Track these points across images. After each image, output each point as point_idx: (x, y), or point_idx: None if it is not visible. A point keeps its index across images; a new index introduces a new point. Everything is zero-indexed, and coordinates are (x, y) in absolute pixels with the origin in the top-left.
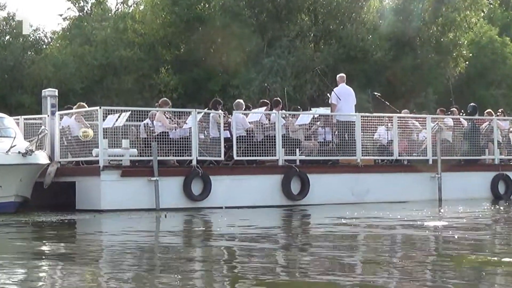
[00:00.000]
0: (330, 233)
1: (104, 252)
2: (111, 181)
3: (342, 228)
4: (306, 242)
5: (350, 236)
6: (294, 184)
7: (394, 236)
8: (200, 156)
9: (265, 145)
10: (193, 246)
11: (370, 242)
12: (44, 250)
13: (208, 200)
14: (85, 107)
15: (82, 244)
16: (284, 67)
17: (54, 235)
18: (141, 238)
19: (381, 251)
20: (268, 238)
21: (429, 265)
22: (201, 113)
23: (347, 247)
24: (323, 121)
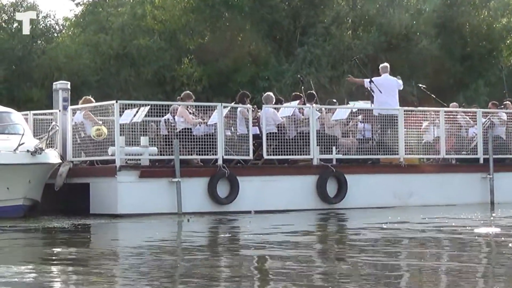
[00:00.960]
0: (370, 239)
1: (120, 261)
2: (129, 183)
3: (383, 234)
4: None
5: (392, 243)
6: (330, 185)
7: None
8: (226, 155)
9: (298, 142)
10: (219, 255)
11: (414, 250)
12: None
13: (235, 203)
14: (92, 101)
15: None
16: (319, 57)
17: (66, 242)
18: (161, 245)
19: (425, 261)
20: (302, 246)
21: (480, 279)
22: (228, 108)
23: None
24: (362, 116)
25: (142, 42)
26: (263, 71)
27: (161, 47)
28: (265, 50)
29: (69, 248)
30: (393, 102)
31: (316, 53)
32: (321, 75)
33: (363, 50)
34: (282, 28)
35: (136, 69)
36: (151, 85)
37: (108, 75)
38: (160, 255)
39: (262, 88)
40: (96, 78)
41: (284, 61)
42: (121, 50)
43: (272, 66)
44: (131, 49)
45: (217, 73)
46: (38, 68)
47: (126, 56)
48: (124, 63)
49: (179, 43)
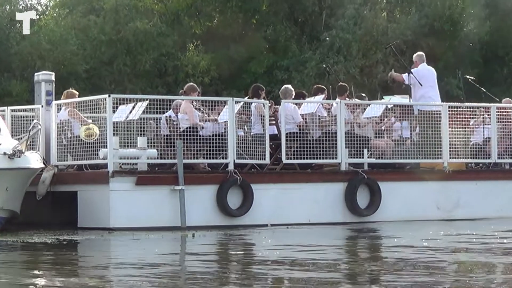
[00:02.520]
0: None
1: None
2: (123, 191)
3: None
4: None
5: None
6: (361, 195)
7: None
8: (238, 158)
9: (323, 144)
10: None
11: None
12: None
13: (248, 215)
14: (75, 96)
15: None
16: (348, 43)
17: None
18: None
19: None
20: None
21: None
22: (240, 103)
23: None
24: (399, 113)
25: (139, 25)
26: (282, 59)
27: (162, 32)
28: (284, 35)
29: (51, 272)
30: (435, 96)
31: (345, 38)
32: (350, 64)
33: (401, 36)
34: (305, 8)
35: (132, 57)
36: (150, 77)
37: (99, 64)
38: (159, 278)
39: (280, 80)
40: (85, 68)
41: (307, 48)
42: (115, 35)
43: (292, 54)
44: (126, 33)
45: (227, 62)
46: (17, 56)
47: (120, 42)
48: (119, 50)
49: (183, 26)
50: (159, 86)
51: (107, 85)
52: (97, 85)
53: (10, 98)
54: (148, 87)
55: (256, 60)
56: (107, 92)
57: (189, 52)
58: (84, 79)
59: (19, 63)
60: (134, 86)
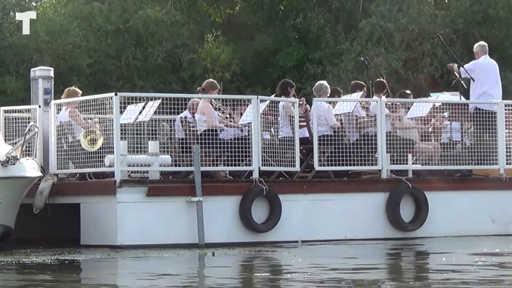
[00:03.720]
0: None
1: None
2: (133, 203)
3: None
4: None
5: None
6: (405, 206)
7: None
8: (264, 165)
9: (361, 148)
10: None
11: None
12: None
13: (276, 231)
14: (78, 94)
15: None
16: (391, 33)
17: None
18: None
19: None
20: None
21: None
22: (266, 102)
23: None
24: (449, 113)
25: (150, 13)
26: (314, 51)
27: (176, 21)
28: (316, 24)
29: None
30: (497, 95)
31: (386, 27)
32: (393, 57)
33: (450, 24)
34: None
35: (142, 50)
36: (163, 72)
37: (104, 58)
38: None
39: (312, 75)
40: (89, 63)
41: (342, 38)
42: (122, 25)
43: (326, 45)
44: (135, 23)
45: (251, 55)
46: (11, 49)
47: (128, 33)
48: (127, 42)
49: (201, 14)
50: (173, 82)
51: (114, 82)
52: (102, 82)
53: (3, 97)
54: (161, 84)
55: (284, 52)
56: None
57: (208, 44)
58: (88, 75)
59: (14, 57)
60: (144, 82)
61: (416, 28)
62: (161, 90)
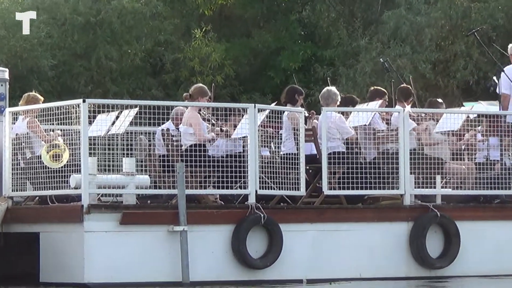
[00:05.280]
0: None
1: None
2: (103, 233)
3: None
4: None
5: None
6: (432, 239)
7: None
8: (262, 188)
9: (379, 168)
10: None
11: None
12: None
13: (276, 267)
14: (39, 101)
15: None
16: (419, 28)
17: None
18: None
19: None
20: None
21: None
22: (265, 111)
23: None
24: (485, 126)
25: (126, 4)
26: (324, 49)
27: (157, 13)
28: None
29: None
30: None
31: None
32: (420, 58)
33: (489, 19)
34: None
35: (117, 48)
36: (141, 75)
37: (71, 57)
38: None
39: (322, 79)
40: (52, 63)
41: (359, 35)
42: (93, 17)
43: (338, 42)
44: (108, 15)
45: (248, 55)
46: None
47: (100, 27)
48: (98, 38)
49: (187, 6)
50: (154, 87)
51: (82, 86)
52: (67, 86)
53: None
54: (139, 89)
55: (288, 51)
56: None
57: (196, 41)
58: (50, 79)
59: None
60: (119, 87)
61: (447, 24)
62: (139, 96)
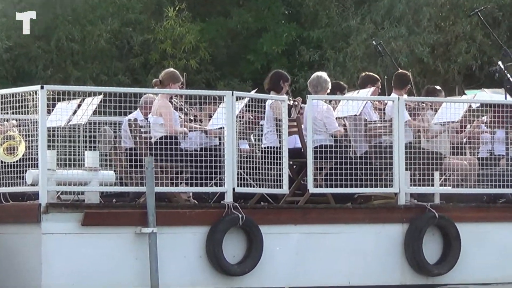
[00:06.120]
0: None
1: None
2: (63, 235)
3: None
4: None
5: None
6: (429, 243)
7: None
8: (241, 186)
9: (371, 164)
10: None
11: None
12: None
13: (255, 274)
14: None
15: None
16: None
17: None
18: None
19: None
20: None
21: None
22: (245, 100)
23: None
24: (489, 117)
25: None
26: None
27: None
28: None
29: None
30: None
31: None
32: (417, 40)
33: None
34: None
35: (79, 28)
36: (106, 58)
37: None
38: None
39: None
40: (7, 45)
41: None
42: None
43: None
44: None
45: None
46: None
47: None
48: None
49: None
50: (120, 72)
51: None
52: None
53: None
54: (103, 74)
55: (270, 33)
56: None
57: (168, 21)
58: (5, 62)
59: None
60: (81, 72)
61: (448, 2)
62: (104, 82)
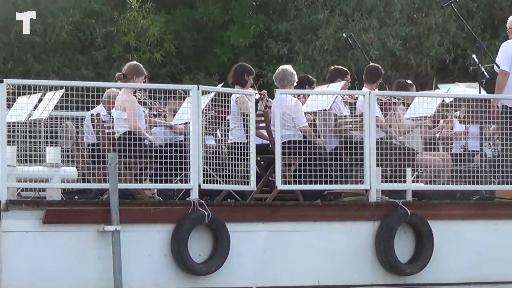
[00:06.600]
0: None
1: None
2: (23, 233)
3: None
4: None
5: None
6: (401, 241)
7: None
8: (206, 182)
9: (341, 160)
10: None
11: None
12: None
13: (222, 273)
14: None
15: None
16: None
17: None
18: None
19: None
20: None
21: None
22: (211, 94)
23: None
24: (463, 112)
25: None
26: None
27: None
28: None
29: None
30: None
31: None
32: (389, 32)
33: None
34: None
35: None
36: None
37: None
38: None
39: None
40: None
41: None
42: None
43: (296, 15)
44: None
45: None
46: None
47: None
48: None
49: None
50: (83, 66)
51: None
52: None
53: None
54: (65, 67)
55: (238, 25)
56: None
57: (131, 13)
58: None
59: None
60: (42, 65)
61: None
62: (66, 76)
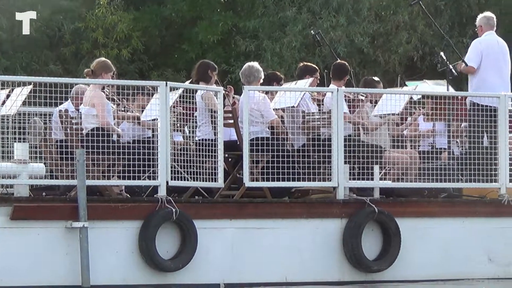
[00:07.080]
0: None
1: None
2: None
3: None
4: None
5: None
6: (369, 238)
7: None
8: (174, 179)
9: (309, 157)
10: None
11: None
12: None
13: (189, 270)
14: None
15: None
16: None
17: None
18: None
19: None
20: None
21: None
22: (179, 90)
23: None
24: (429, 109)
25: None
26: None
27: None
28: None
29: None
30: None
31: None
32: (356, 30)
33: None
34: None
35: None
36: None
37: None
38: None
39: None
40: None
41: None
42: None
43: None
44: None
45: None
46: None
47: None
48: None
49: None
50: (51, 62)
51: None
52: None
53: None
54: (33, 63)
55: (206, 22)
56: None
57: (99, 9)
58: None
59: None
60: (10, 61)
61: None
62: (34, 72)
